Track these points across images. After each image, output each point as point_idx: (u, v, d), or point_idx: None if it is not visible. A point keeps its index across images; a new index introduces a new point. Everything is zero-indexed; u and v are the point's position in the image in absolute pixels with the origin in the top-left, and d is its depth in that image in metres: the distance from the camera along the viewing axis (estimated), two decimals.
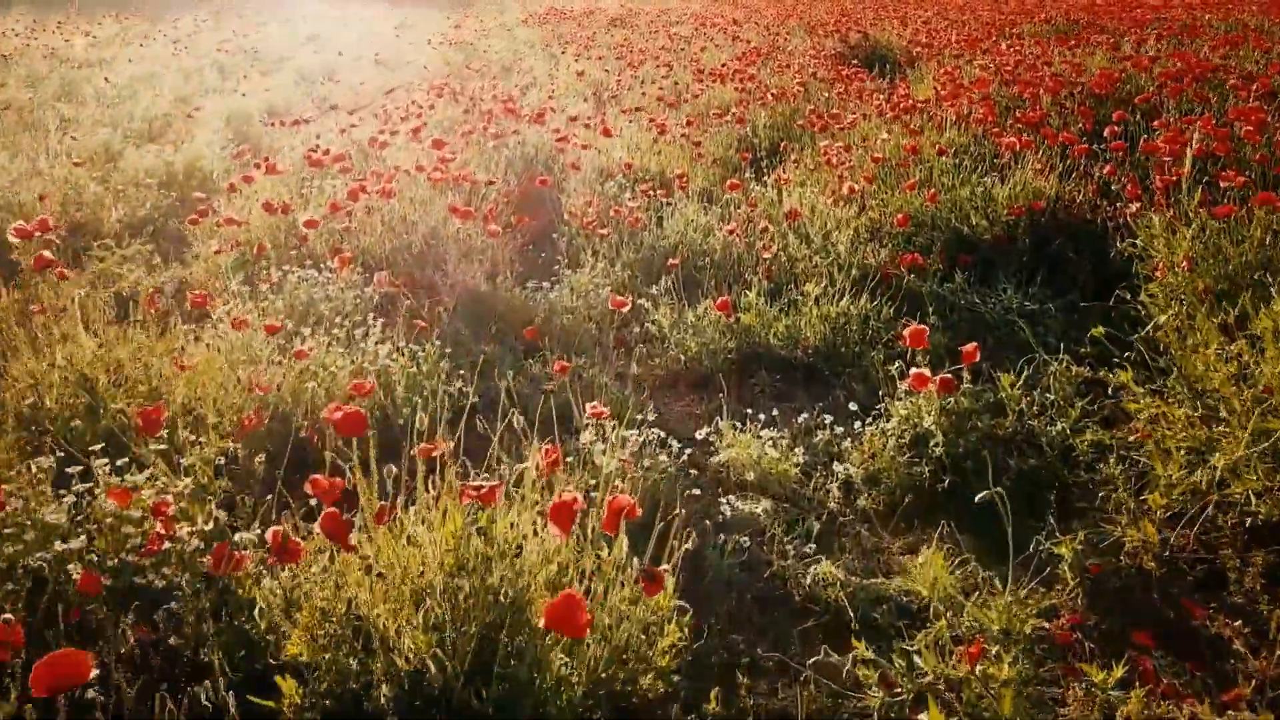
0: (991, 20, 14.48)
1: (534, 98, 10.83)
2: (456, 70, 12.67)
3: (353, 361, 3.14)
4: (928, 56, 9.32)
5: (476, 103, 7.11)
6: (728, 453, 2.94)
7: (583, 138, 6.74)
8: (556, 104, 9.86)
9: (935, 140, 5.85)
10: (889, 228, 4.91)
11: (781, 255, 4.55)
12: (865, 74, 9.25)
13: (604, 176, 6.11)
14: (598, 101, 10.04)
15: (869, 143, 5.97)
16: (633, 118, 7.33)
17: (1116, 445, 3.15)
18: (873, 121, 6.50)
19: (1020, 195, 4.87)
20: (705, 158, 6.46)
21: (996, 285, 4.49)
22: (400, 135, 5.95)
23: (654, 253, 4.68)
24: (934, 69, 8.94)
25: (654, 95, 9.17)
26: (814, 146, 6.58)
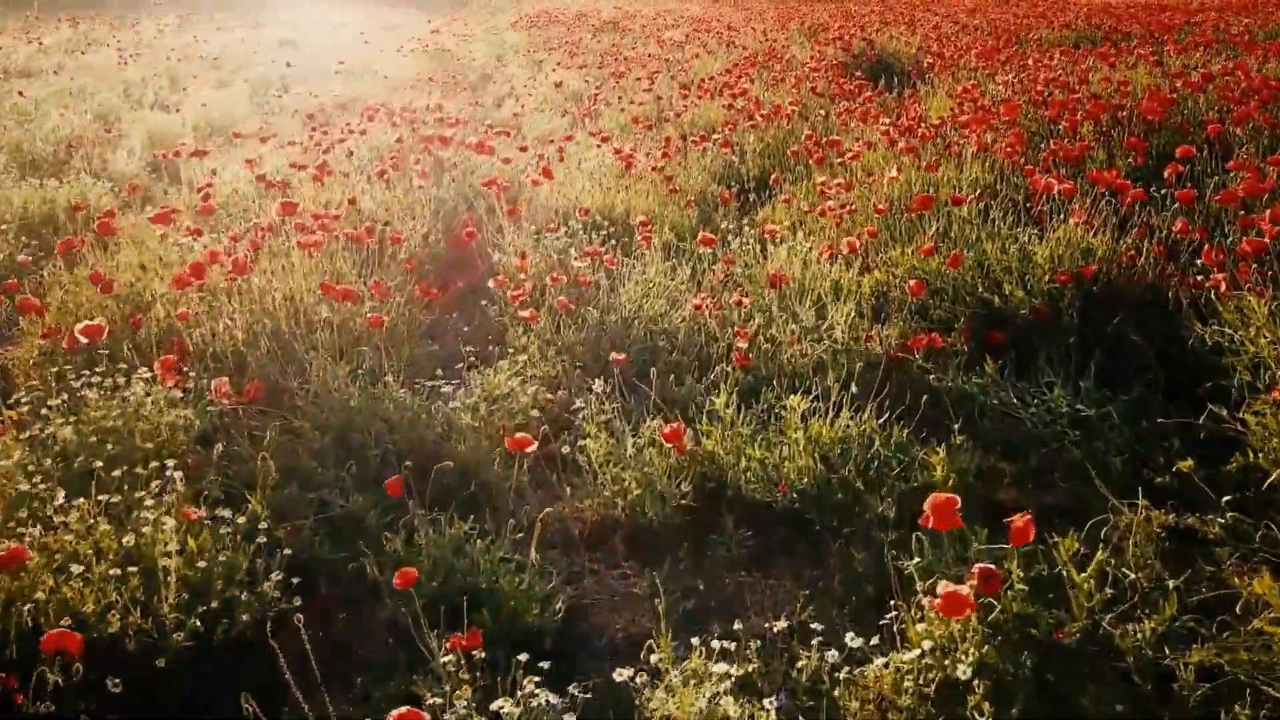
0: (1004, 25, 13.43)
1: (507, 110, 9.84)
2: (425, 80, 11.68)
3: (119, 545, 2.13)
4: (940, 68, 8.29)
5: (417, 126, 6.11)
6: (664, 705, 1.93)
7: (538, 170, 5.74)
8: (526, 121, 8.88)
9: (954, 177, 4.83)
10: (899, 295, 3.90)
11: (762, 337, 3.54)
12: (870, 87, 8.22)
13: (560, 219, 5.11)
14: (573, 118, 9.04)
15: (874, 178, 4.96)
16: (602, 144, 6.32)
17: (1231, 667, 2.14)
18: (879, 151, 5.48)
19: (1065, 255, 3.85)
20: (682, 194, 5.45)
21: (1037, 376, 3.46)
22: (310, 170, 4.95)
23: (602, 332, 3.66)
24: (948, 83, 7.91)
25: (634, 113, 8.15)
26: (809, 180, 5.56)
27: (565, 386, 3.40)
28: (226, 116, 8.84)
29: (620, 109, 8.25)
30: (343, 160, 5.47)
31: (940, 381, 3.47)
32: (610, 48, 13.92)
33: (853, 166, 5.26)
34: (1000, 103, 5.83)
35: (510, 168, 5.58)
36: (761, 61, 10.17)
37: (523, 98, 10.60)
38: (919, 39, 10.07)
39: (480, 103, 10.98)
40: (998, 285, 3.83)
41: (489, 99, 11.12)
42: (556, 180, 5.46)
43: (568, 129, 8.33)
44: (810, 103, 7.71)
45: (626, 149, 6.02)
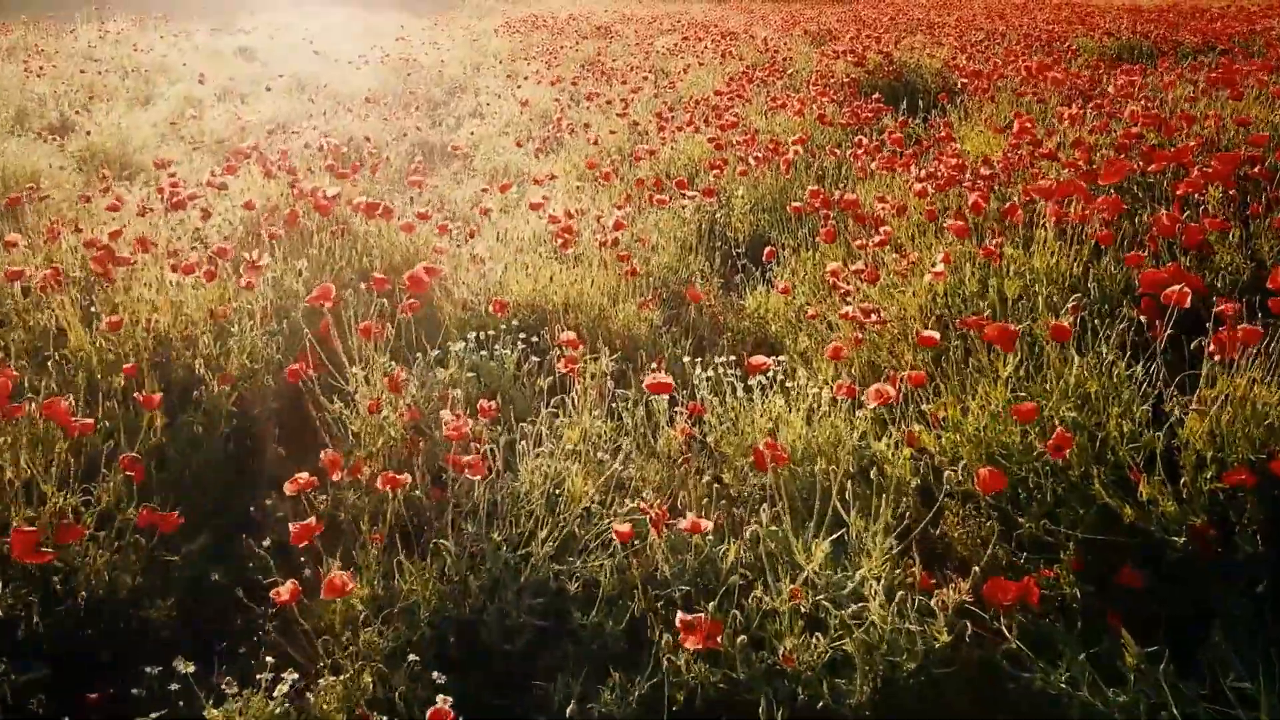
0: (1033, 32, 11.89)
1: (466, 132, 8.35)
2: (382, 95, 10.18)
3: None
4: (977, 89, 6.76)
5: (298, 178, 4.56)
6: None
7: (464, 239, 4.26)
8: (481, 152, 7.40)
9: (1022, 264, 3.33)
10: (959, 484, 2.41)
11: (740, 614, 2.05)
12: (890, 112, 6.72)
13: (465, 315, 3.62)
14: (542, 141, 7.55)
15: (906, 262, 3.46)
16: (544, 201, 4.83)
17: None
18: (911, 219, 3.98)
19: (1234, 433, 2.35)
20: (642, 278, 3.96)
21: (1215, 670, 1.98)
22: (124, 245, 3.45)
23: (463, 593, 2.18)
24: (988, 108, 6.39)
25: (595, 150, 6.65)
26: (815, 255, 4.07)
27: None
28: (127, 143, 7.37)
29: (590, 136, 6.75)
30: (208, 226, 3.98)
31: (1046, 682, 1.98)
32: (594, 57, 12.41)
33: (871, 235, 3.76)
34: (1073, 146, 4.31)
35: (414, 238, 4.09)
36: (761, 77, 8.66)
37: (489, 117, 9.13)
38: (945, 51, 8.55)
39: (439, 121, 9.51)
40: (1126, 488, 2.33)
41: (453, 117, 9.64)
42: (476, 253, 3.98)
43: (524, 163, 6.85)
44: (818, 134, 6.21)
45: (575, 207, 4.53)
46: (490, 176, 6.86)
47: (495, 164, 6.98)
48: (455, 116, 9.61)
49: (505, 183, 5.01)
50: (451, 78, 12.17)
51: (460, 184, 6.54)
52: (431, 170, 7.15)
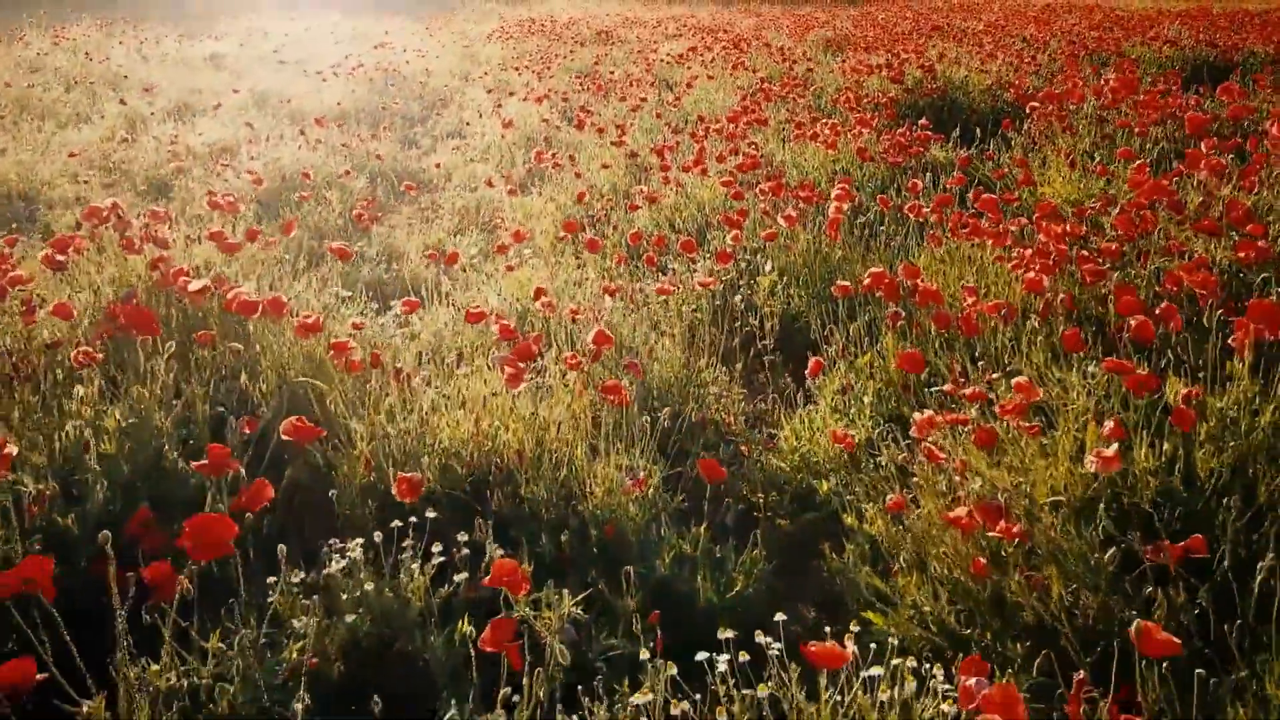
0: (1081, 39, 10.65)
1: (439, 160, 7.15)
2: (353, 111, 8.99)
3: None
4: (1047, 114, 5.53)
5: (167, 254, 3.29)
6: None
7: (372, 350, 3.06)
8: (450, 187, 6.23)
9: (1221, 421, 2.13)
10: None
11: None
12: (940, 142, 5.52)
13: (372, 480, 2.43)
14: (522, 173, 6.37)
15: (1021, 401, 2.25)
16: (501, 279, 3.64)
17: None
18: (1028, 332, 2.77)
19: None
20: (644, 390, 2.77)
21: None
22: None
23: None
24: (1064, 140, 5.18)
25: (595, 177, 5.47)
26: (880, 360, 2.88)
27: None
28: (32, 175, 6.20)
29: (578, 170, 5.55)
30: None
31: None
32: (591, 66, 11.21)
33: (1006, 411, 2.56)
34: (1230, 211, 3.10)
35: (317, 340, 2.88)
36: (779, 93, 7.45)
37: (471, 137, 7.95)
38: (997, 67, 7.32)
39: (414, 143, 8.31)
40: None
41: (430, 137, 8.45)
42: (401, 365, 2.78)
43: (499, 200, 5.65)
44: (856, 171, 5.00)
45: (553, 282, 3.34)
46: (460, 216, 5.67)
47: (466, 201, 5.78)
48: (433, 136, 8.42)
49: (452, 252, 3.81)
50: (435, 89, 10.97)
51: (415, 230, 5.34)
52: (389, 209, 5.96)
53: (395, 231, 5.38)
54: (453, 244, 4.95)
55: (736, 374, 3.31)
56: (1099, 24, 13.37)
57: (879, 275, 2.96)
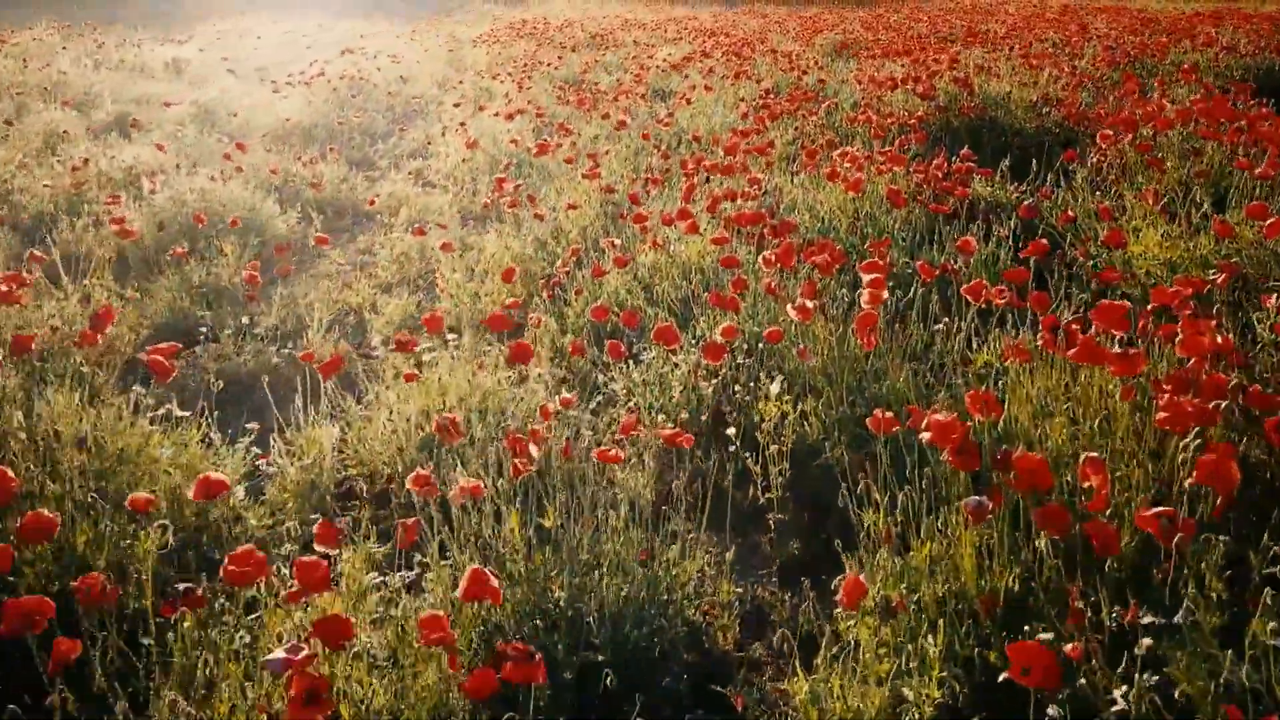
0: (1117, 45, 9.53)
1: (388, 189, 6.08)
2: (309, 126, 7.93)
3: None
4: (1114, 140, 4.42)
5: None
6: None
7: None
8: (395, 226, 5.19)
9: None
10: None
11: None
12: (987, 176, 4.44)
13: None
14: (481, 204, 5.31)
15: None
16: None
17: None
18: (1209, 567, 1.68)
19: None
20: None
21: None
22: None
23: None
24: (1144, 176, 4.09)
25: (560, 222, 4.41)
26: (950, 553, 1.80)
27: None
28: None
29: (537, 211, 4.48)
30: None
31: None
32: (579, 74, 10.13)
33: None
34: None
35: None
36: (786, 107, 6.37)
37: (435, 158, 6.88)
38: (1044, 80, 6.16)
39: (371, 164, 7.25)
40: None
41: (390, 157, 7.39)
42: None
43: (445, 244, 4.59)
44: (883, 219, 3.92)
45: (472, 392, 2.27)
46: (399, 265, 4.60)
47: (410, 245, 4.70)
48: (394, 156, 7.35)
49: (333, 357, 2.74)
50: (410, 99, 9.91)
51: (336, 287, 4.26)
52: (313, 256, 4.88)
53: (312, 288, 4.31)
54: (372, 314, 3.88)
55: (725, 543, 2.24)
56: (1131, 27, 12.24)
57: (945, 427, 1.88)
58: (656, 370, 2.94)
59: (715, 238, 3.31)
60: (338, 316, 4.06)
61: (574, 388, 3.19)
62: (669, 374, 2.92)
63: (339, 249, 5.09)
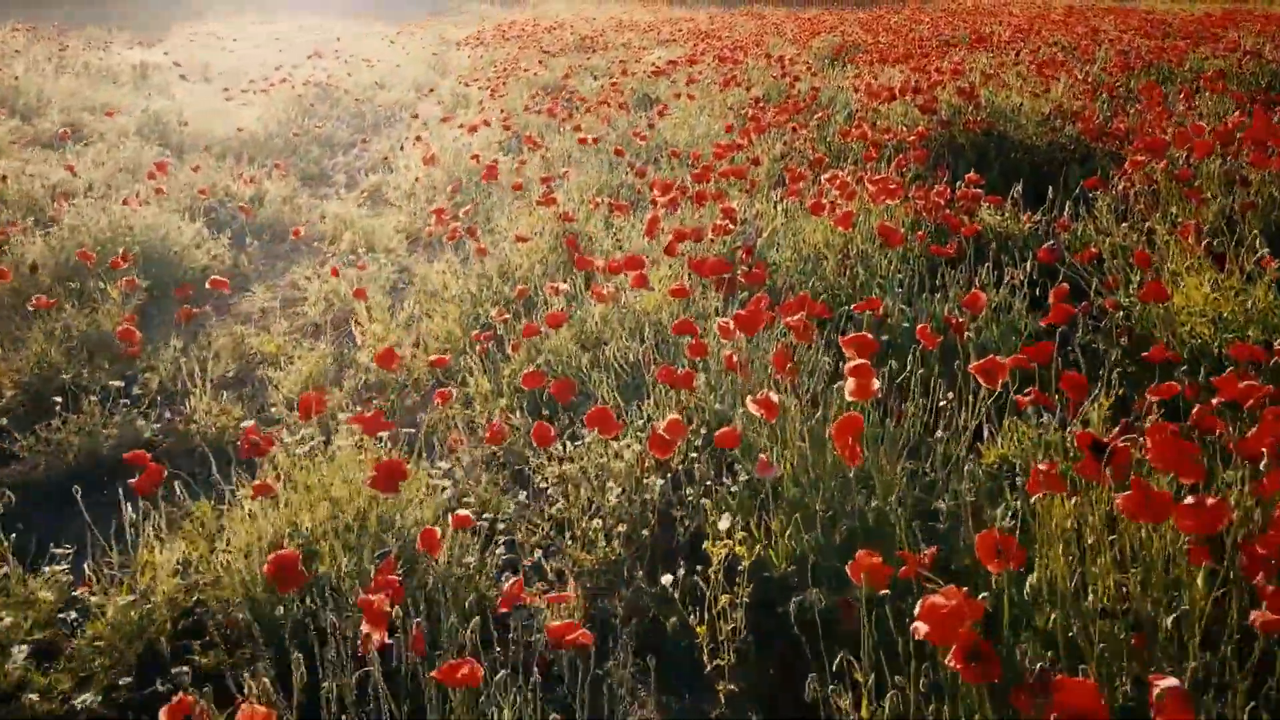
0: (1128, 49, 8.94)
1: (331, 213, 5.50)
2: (266, 137, 7.37)
3: None
4: (1142, 163, 3.84)
5: None
6: None
7: None
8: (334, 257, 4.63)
9: None
10: None
11: None
12: (995, 204, 3.86)
13: None
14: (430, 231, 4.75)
15: None
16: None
17: None
18: None
19: None
20: None
21: None
22: None
23: None
24: (1179, 207, 3.52)
25: (508, 258, 3.85)
26: None
27: None
28: None
29: (479, 246, 3.92)
30: None
31: None
32: (561, 80, 9.55)
33: None
34: None
35: None
36: (776, 119, 5.79)
37: (399, 172, 6.30)
38: (1059, 91, 5.56)
39: (326, 179, 6.69)
40: None
41: (348, 172, 6.82)
42: None
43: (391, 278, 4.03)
44: (877, 260, 3.35)
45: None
46: (327, 304, 4.03)
47: (330, 290, 4.12)
48: (353, 170, 6.80)
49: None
50: (382, 106, 9.36)
51: (243, 336, 3.67)
52: (234, 294, 4.31)
53: (225, 333, 3.73)
54: (281, 370, 3.31)
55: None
56: (1142, 29, 11.65)
57: (947, 618, 1.31)
58: (595, 458, 2.38)
59: (673, 289, 2.74)
60: (244, 370, 3.49)
61: (504, 468, 2.63)
62: (609, 463, 2.35)
63: (268, 282, 4.53)
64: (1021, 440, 2.22)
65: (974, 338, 2.99)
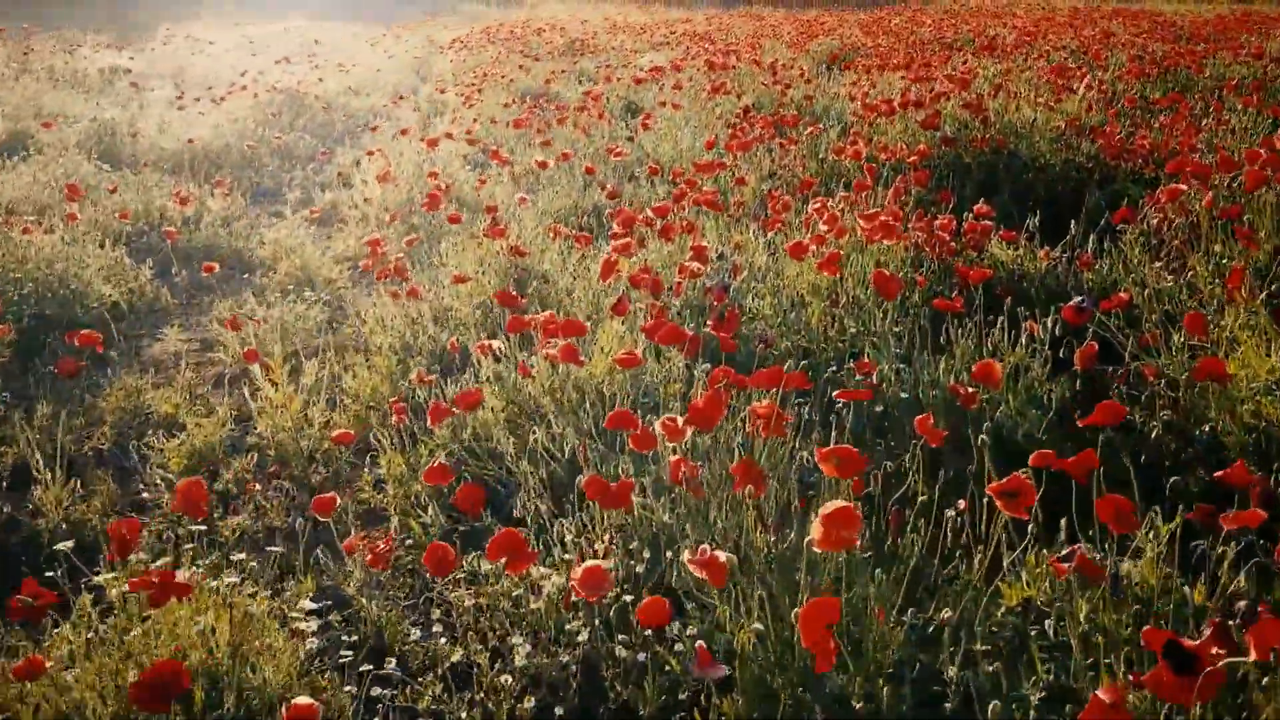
0: (1149, 53, 8.41)
1: (271, 238, 4.98)
2: (218, 149, 6.86)
3: None
4: (1175, 193, 3.31)
5: None
6: None
7: None
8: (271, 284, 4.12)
9: None
10: None
11: None
12: (1008, 240, 3.33)
13: None
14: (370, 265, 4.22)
15: None
16: None
17: None
18: None
19: None
20: None
21: None
22: None
23: None
24: (1224, 247, 3.00)
25: (449, 304, 3.34)
26: None
27: None
28: None
29: (412, 287, 3.41)
30: None
31: None
32: (545, 84, 9.03)
33: None
34: None
35: None
36: (763, 134, 5.27)
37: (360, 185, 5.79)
38: (1078, 102, 5.02)
39: (278, 197, 6.17)
40: None
41: (305, 187, 6.30)
42: None
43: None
44: (872, 313, 2.83)
45: None
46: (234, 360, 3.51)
47: (246, 335, 3.61)
48: (310, 186, 6.27)
49: None
50: (355, 114, 8.84)
51: (144, 384, 3.15)
52: (142, 338, 3.79)
53: (104, 395, 3.22)
54: (170, 439, 2.80)
55: None
56: (1153, 32, 11.11)
57: None
58: (508, 589, 1.87)
59: (621, 358, 2.22)
60: (135, 433, 2.98)
61: (406, 593, 2.12)
62: (525, 597, 1.84)
63: (192, 319, 4.03)
64: (1053, 578, 1.70)
65: (987, 409, 2.48)
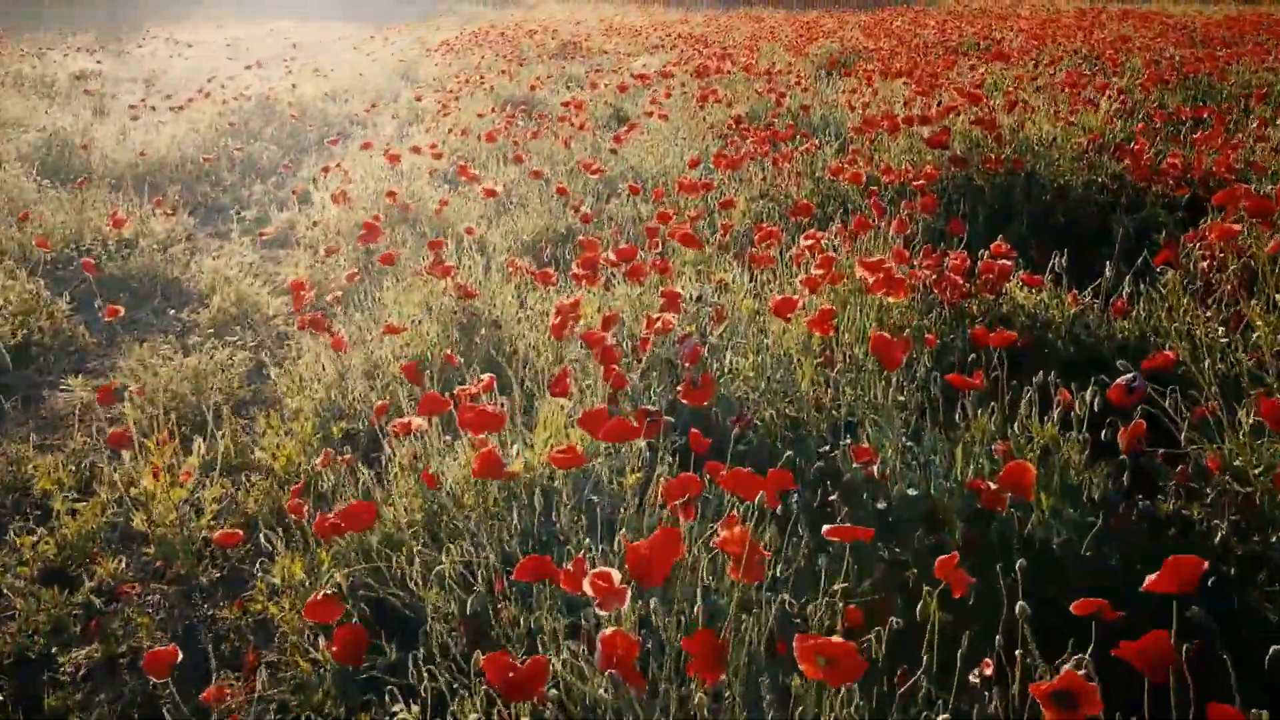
0: (1161, 58, 7.93)
1: (209, 267, 4.51)
2: (171, 160, 6.40)
3: None
4: (1230, 231, 2.85)
5: None
6: None
7: None
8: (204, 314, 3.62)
9: None
10: None
11: None
12: (1034, 284, 2.86)
13: None
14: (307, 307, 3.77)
15: None
16: None
17: None
18: None
19: None
20: None
21: None
22: None
23: None
24: None
25: (379, 365, 2.86)
26: None
27: None
28: None
29: (335, 338, 2.96)
30: None
31: None
32: (530, 89, 8.56)
33: None
34: None
35: None
36: (755, 150, 4.81)
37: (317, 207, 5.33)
38: (1101, 116, 4.54)
39: (236, 214, 5.71)
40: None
41: (260, 203, 5.83)
42: None
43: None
44: (870, 387, 2.36)
45: None
46: (144, 407, 3.05)
47: (170, 374, 3.15)
48: (266, 203, 5.80)
49: None
50: (332, 121, 8.38)
51: (25, 448, 2.69)
52: (35, 395, 3.33)
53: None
54: (38, 523, 2.33)
55: None
56: (1165, 36, 10.62)
57: None
58: None
59: (558, 455, 1.76)
60: (15, 508, 2.52)
61: None
62: None
63: (109, 362, 3.56)
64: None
65: (1015, 512, 2.01)
